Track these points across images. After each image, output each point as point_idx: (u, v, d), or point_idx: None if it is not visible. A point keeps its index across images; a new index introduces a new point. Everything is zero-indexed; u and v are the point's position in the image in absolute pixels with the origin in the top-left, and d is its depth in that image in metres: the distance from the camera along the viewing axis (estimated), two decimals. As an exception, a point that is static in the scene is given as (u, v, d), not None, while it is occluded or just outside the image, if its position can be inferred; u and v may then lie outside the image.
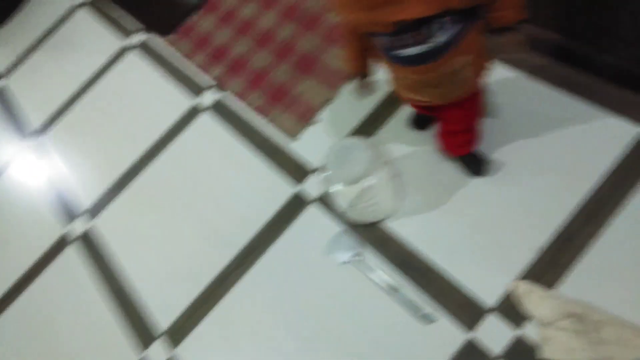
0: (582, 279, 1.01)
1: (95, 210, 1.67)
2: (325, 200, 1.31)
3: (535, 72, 1.25)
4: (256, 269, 1.31)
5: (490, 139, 1.20)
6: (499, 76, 1.28)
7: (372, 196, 1.15)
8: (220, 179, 1.52)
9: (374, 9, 0.76)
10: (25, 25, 2.54)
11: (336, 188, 1.15)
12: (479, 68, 0.94)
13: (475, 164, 1.19)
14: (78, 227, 1.66)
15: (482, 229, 1.13)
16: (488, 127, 1.21)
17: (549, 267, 1.04)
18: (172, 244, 1.48)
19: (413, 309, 1.11)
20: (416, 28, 0.83)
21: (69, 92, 2.06)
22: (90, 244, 1.60)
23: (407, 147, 1.30)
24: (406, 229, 1.20)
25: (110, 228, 1.61)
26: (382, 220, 1.23)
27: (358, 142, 1.13)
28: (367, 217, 1.23)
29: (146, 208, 1.59)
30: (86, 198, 1.72)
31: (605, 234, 1.03)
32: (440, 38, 0.84)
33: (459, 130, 1.12)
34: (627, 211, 1.04)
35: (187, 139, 1.67)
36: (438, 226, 1.17)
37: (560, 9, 1.12)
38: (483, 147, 1.20)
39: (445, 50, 0.86)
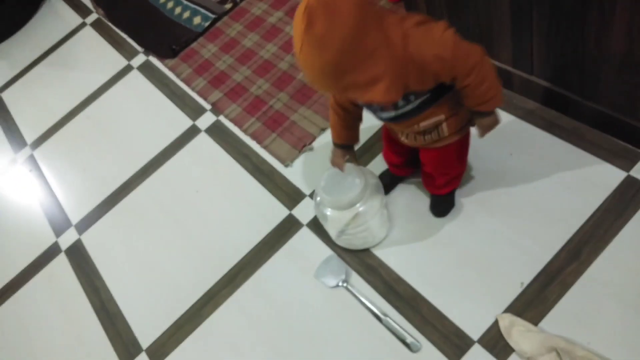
0: (565, 315, 1.03)
1: (84, 225, 1.67)
2: (317, 224, 1.33)
3: (525, 115, 1.31)
4: (244, 288, 1.31)
5: (480, 176, 1.25)
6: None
7: (362, 222, 1.17)
8: (213, 199, 1.54)
9: (344, 91, 0.85)
10: (31, 38, 2.57)
11: (328, 212, 1.18)
12: (454, 124, 1.04)
13: (441, 206, 1.24)
14: (66, 239, 1.66)
15: (469, 263, 1.16)
16: (478, 164, 1.26)
17: (533, 302, 1.06)
18: (159, 261, 1.47)
19: (398, 336, 1.11)
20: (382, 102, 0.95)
21: (68, 107, 2.08)
22: (76, 257, 1.59)
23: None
24: (393, 258, 1.22)
25: (97, 243, 1.60)
26: (370, 247, 1.25)
27: (352, 168, 1.16)
28: (356, 244, 1.25)
29: (136, 224, 1.60)
30: (76, 212, 1.72)
31: (588, 272, 1.06)
32: (406, 108, 0.96)
33: (437, 174, 1.18)
34: (609, 250, 1.07)
35: (182, 159, 1.69)
36: (425, 257, 1.20)
37: (549, 57, 1.18)
38: (471, 184, 1.24)
39: (414, 114, 0.98)
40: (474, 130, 1.07)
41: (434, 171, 1.17)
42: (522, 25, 1.17)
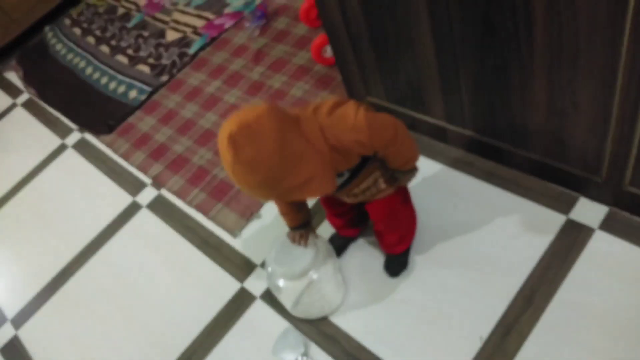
0: (526, 365, 1.03)
1: (20, 319, 1.55)
2: (271, 295, 1.29)
3: (464, 167, 1.35)
4: (198, 374, 1.24)
5: (429, 230, 1.26)
6: (431, 172, 1.36)
7: (317, 290, 1.14)
8: (159, 279, 1.47)
9: (284, 196, 0.91)
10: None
11: (281, 284, 1.14)
12: (390, 178, 1.07)
13: (394, 266, 1.23)
14: (1, 337, 1.52)
15: (428, 321, 1.14)
16: (426, 219, 1.27)
17: (494, 355, 1.05)
18: (105, 352, 1.38)
19: (364, 408, 1.07)
20: None
21: (-1, 193, 1.98)
22: (13, 356, 1.46)
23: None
24: (352, 324, 1.19)
25: (35, 338, 1.48)
26: (328, 315, 1.22)
27: None
28: (313, 312, 1.21)
29: (77, 314, 1.49)
30: (11, 306, 1.59)
31: (544, 318, 1.07)
32: (342, 179, 1.02)
33: (387, 229, 1.18)
34: (561, 293, 1.09)
35: (123, 239, 1.61)
36: (384, 320, 1.17)
37: (479, 111, 1.23)
38: (421, 239, 1.24)
39: (350, 181, 1.03)
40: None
41: (384, 226, 1.17)
42: (451, 83, 1.22)
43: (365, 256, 1.28)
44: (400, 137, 0.98)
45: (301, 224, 1.13)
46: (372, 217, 1.17)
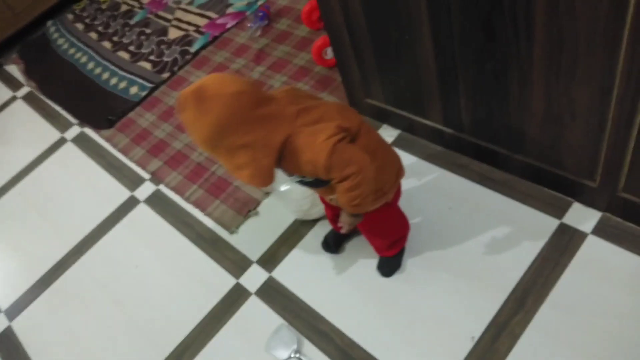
0: (516, 366, 1.04)
1: (14, 310, 1.55)
2: (266, 292, 1.30)
3: (459, 169, 1.36)
4: (192, 368, 1.24)
5: (424, 231, 1.27)
6: (427, 175, 1.38)
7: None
8: (155, 273, 1.48)
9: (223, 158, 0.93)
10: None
11: (282, 188, 1.27)
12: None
13: (387, 266, 1.24)
14: (-7, 328, 1.53)
15: (420, 320, 1.15)
16: (421, 219, 1.28)
17: (485, 355, 1.06)
18: (98, 345, 1.38)
19: (355, 404, 1.08)
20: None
21: (-3, 183, 1.99)
22: (6, 346, 1.47)
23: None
24: (345, 322, 1.20)
25: (29, 330, 1.49)
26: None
27: None
28: (313, 213, 1.33)
29: (71, 307, 1.50)
30: (5, 297, 1.60)
31: (535, 320, 1.08)
32: (296, 180, 1.00)
33: (370, 236, 1.20)
34: (552, 297, 1.10)
35: (120, 233, 1.62)
36: (377, 318, 1.19)
37: (477, 115, 1.25)
38: (415, 239, 1.26)
39: (312, 187, 1.02)
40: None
41: (366, 234, 1.20)
42: (449, 87, 1.23)
43: (359, 255, 1.29)
44: (363, 178, 0.93)
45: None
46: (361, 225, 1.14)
